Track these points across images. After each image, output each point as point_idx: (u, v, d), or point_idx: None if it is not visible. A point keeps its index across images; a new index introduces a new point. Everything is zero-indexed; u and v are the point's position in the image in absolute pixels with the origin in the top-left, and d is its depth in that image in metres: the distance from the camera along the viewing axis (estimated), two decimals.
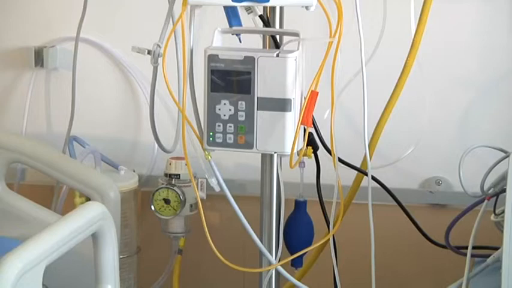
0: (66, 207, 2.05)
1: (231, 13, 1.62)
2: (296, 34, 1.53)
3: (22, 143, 1.86)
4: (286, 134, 1.52)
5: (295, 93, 1.51)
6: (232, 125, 1.53)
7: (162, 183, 2.08)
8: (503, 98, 2.08)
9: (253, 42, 1.67)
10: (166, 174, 2.09)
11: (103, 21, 2.21)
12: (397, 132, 1.98)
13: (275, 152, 1.56)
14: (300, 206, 1.76)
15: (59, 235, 1.27)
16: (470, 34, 2.06)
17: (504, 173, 1.60)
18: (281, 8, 1.65)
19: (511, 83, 2.07)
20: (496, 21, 2.05)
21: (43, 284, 1.22)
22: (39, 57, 2.27)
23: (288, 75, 1.50)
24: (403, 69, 1.79)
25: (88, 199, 1.81)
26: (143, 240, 2.20)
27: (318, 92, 1.49)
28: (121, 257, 1.77)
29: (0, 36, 2.31)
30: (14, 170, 2.24)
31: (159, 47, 1.75)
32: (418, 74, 1.90)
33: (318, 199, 1.73)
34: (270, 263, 1.68)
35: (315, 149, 1.64)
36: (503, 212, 1.48)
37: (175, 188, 2.06)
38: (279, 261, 1.67)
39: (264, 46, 1.68)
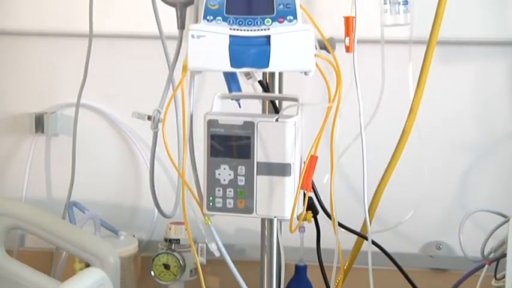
0: (65, 273, 2.04)
1: (230, 79, 1.64)
2: (295, 99, 1.54)
3: (22, 209, 1.86)
4: (286, 198, 1.52)
5: (294, 157, 1.51)
6: (232, 190, 1.54)
7: (162, 249, 2.08)
8: (501, 162, 2.09)
9: (252, 107, 1.69)
10: (166, 239, 2.09)
11: (104, 87, 2.23)
12: (397, 197, 1.98)
13: (275, 217, 1.56)
14: (300, 270, 1.75)
15: None
16: (467, 98, 2.08)
17: (504, 237, 1.60)
18: (280, 74, 1.67)
19: (509, 148, 2.07)
20: (494, 85, 2.06)
21: None
22: (39, 123, 2.28)
23: (287, 140, 1.51)
24: (402, 134, 1.80)
25: (88, 265, 1.80)
26: None
27: (317, 157, 1.50)
28: None
29: (1, 102, 2.33)
30: (13, 236, 2.23)
31: (159, 112, 1.76)
32: (417, 139, 1.91)
33: (318, 264, 1.72)
34: None
35: (315, 213, 1.64)
36: (504, 277, 1.48)
37: (175, 253, 2.05)
38: None
39: (264, 111, 1.69)
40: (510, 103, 2.06)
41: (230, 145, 1.53)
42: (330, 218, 1.61)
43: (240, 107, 1.68)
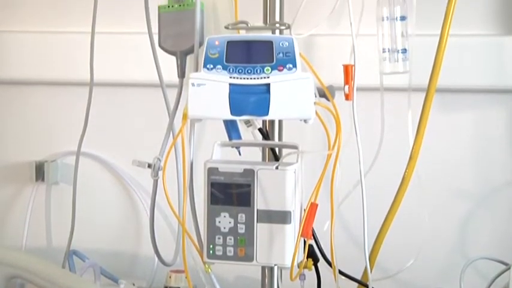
0: None
1: (230, 126, 1.65)
2: (295, 147, 1.55)
3: (21, 258, 1.85)
4: (286, 246, 1.52)
5: (294, 205, 1.51)
6: (232, 238, 1.53)
7: None
8: (501, 210, 2.08)
9: (252, 154, 1.69)
10: None
11: (104, 135, 2.24)
12: (397, 244, 1.97)
13: (275, 265, 1.55)
14: None
15: None
16: (466, 146, 2.08)
17: (505, 285, 1.59)
18: (280, 121, 1.68)
19: (509, 195, 2.07)
20: (492, 133, 2.07)
21: None
22: (40, 172, 2.28)
23: (287, 187, 1.51)
24: (401, 181, 1.81)
25: None
26: None
27: (317, 204, 1.50)
28: None
29: (2, 150, 2.33)
30: (13, 285, 2.22)
31: (159, 160, 1.77)
32: (417, 185, 1.91)
33: None
34: None
35: (315, 261, 1.64)
36: None
37: None
38: None
39: (264, 159, 1.70)
40: (509, 151, 2.07)
41: (230, 193, 1.53)
42: (331, 266, 1.61)
43: (240, 154, 1.68)
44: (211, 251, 1.55)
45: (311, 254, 1.60)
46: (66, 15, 2.29)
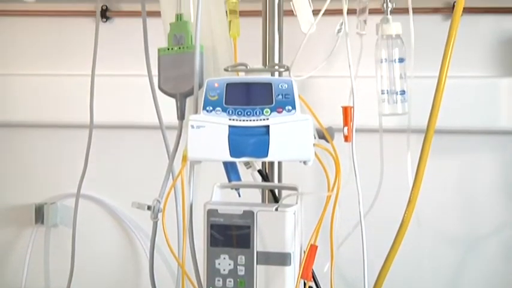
0: None
1: (230, 168, 1.65)
2: (294, 188, 1.55)
3: None
4: None
5: (294, 247, 1.51)
6: (232, 280, 1.53)
7: None
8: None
9: (252, 196, 1.69)
10: None
11: (104, 177, 2.24)
12: (397, 285, 1.96)
13: None
14: None
15: None
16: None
17: None
18: (279, 163, 1.68)
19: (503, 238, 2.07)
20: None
21: None
22: (39, 214, 2.28)
23: (286, 229, 1.50)
24: (400, 225, 1.80)
25: None
26: None
27: (317, 246, 1.50)
28: None
29: (1, 192, 2.33)
30: None
31: (159, 202, 1.76)
32: (416, 228, 1.90)
33: None
34: None
35: None
36: None
37: None
38: None
39: (263, 200, 1.70)
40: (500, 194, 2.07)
41: (230, 235, 1.53)
42: None
43: (239, 196, 1.68)
44: None
45: None
46: (66, 58, 2.31)
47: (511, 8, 2.12)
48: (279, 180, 1.69)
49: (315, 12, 1.67)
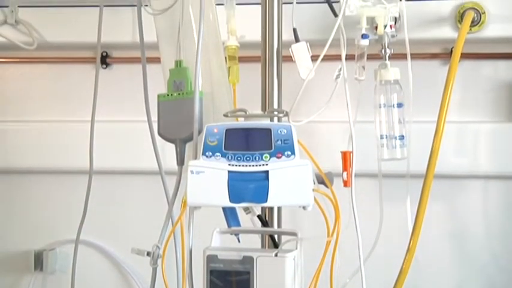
0: None
1: (229, 213, 1.65)
2: (294, 234, 1.54)
3: None
4: None
5: None
6: None
7: None
8: None
9: (252, 241, 1.69)
10: None
11: (103, 223, 2.24)
12: None
13: None
14: None
15: None
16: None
17: None
18: (279, 208, 1.68)
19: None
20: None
21: None
22: (38, 261, 2.27)
23: (286, 274, 1.50)
24: (400, 272, 1.79)
25: None
26: None
27: None
28: None
29: (1, 240, 2.33)
30: None
31: (158, 248, 1.76)
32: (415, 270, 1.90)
33: None
34: None
35: None
36: None
37: None
38: None
39: (263, 245, 1.69)
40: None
41: (229, 280, 1.52)
42: None
43: (239, 241, 1.68)
44: None
45: None
46: (66, 105, 2.32)
47: (507, 53, 2.14)
48: (279, 225, 1.68)
49: (314, 58, 1.68)
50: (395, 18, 1.88)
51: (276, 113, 1.68)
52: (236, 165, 1.50)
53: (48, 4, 2.24)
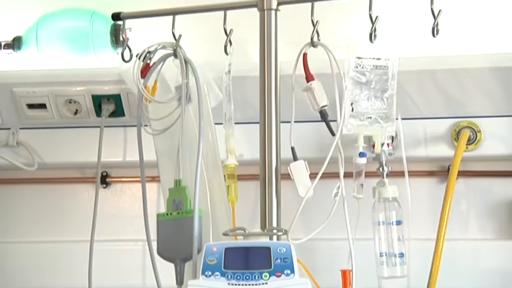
0: None
1: None
2: None
3: None
4: None
5: None
6: None
7: None
8: None
9: None
10: None
11: None
12: None
13: None
14: None
15: None
16: None
17: None
18: None
19: None
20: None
21: None
22: None
23: None
24: None
25: None
26: None
27: None
28: None
29: None
30: None
31: None
32: None
33: None
34: None
35: None
36: None
37: None
38: None
39: None
40: None
41: None
42: None
43: None
44: None
45: None
46: (65, 224, 2.32)
47: (504, 171, 2.15)
48: None
49: (312, 176, 1.70)
50: (392, 136, 1.91)
51: (275, 231, 1.68)
52: (235, 285, 1.50)
53: (48, 126, 2.26)
